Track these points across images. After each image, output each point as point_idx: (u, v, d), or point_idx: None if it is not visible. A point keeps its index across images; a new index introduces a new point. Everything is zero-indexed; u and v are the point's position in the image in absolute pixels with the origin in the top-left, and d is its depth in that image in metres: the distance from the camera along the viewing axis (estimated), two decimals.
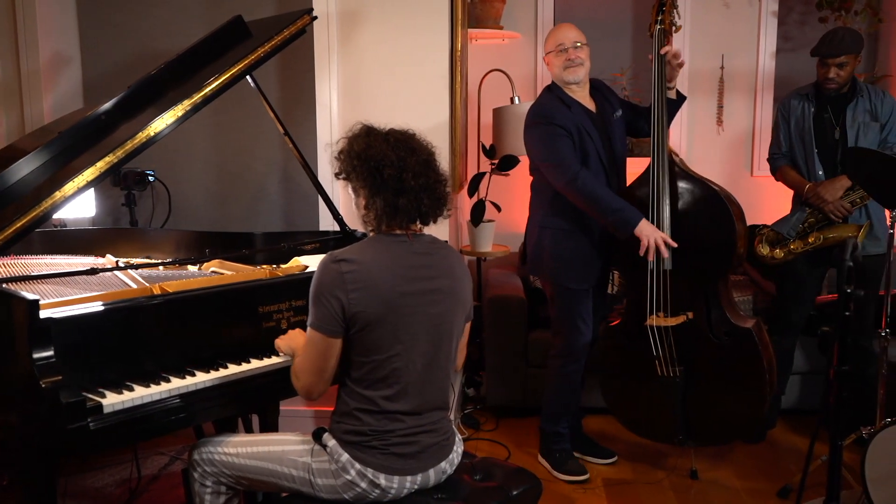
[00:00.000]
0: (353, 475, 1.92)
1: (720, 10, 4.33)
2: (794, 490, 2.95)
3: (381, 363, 1.91)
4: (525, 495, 2.09)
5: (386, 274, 1.89)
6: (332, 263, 1.89)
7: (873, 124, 3.31)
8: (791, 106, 3.44)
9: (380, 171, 1.90)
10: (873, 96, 3.34)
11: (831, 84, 3.29)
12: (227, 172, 3.92)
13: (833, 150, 3.35)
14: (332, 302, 1.87)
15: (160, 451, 3.39)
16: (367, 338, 1.89)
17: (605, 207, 3.00)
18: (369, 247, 1.95)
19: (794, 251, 3.36)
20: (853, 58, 3.26)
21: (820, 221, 3.33)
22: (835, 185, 3.26)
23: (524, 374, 3.84)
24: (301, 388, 1.99)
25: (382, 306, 1.87)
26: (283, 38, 2.64)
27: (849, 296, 1.80)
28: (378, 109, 3.25)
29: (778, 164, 3.52)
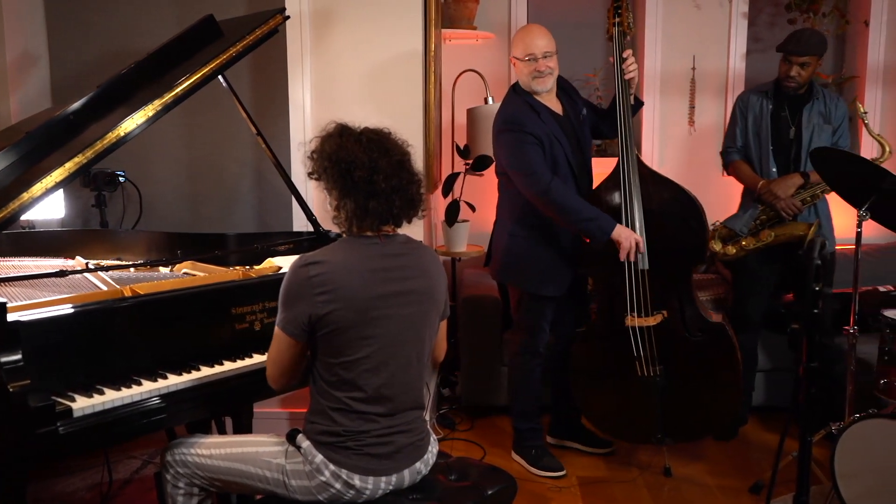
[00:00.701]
0: (327, 476, 1.91)
1: (691, 12, 4.37)
2: (765, 486, 2.99)
3: (350, 365, 1.90)
4: (500, 495, 2.10)
5: (354, 276, 1.88)
6: (300, 267, 1.88)
7: (826, 127, 3.40)
8: (750, 102, 3.50)
9: (350, 172, 1.89)
10: (828, 100, 3.43)
11: (791, 82, 3.35)
12: (199, 173, 3.88)
13: (787, 148, 3.42)
14: (299, 305, 1.87)
15: (132, 454, 3.35)
16: (336, 340, 1.89)
17: (579, 217, 3.02)
18: (339, 249, 1.95)
19: (746, 248, 3.42)
20: (816, 59, 3.34)
21: (771, 219, 3.40)
22: (787, 183, 3.33)
23: (499, 374, 3.85)
24: (268, 377, 2.02)
25: (350, 309, 1.87)
26: (255, 38, 2.63)
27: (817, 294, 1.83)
28: (351, 109, 3.23)
29: (731, 158, 3.57)
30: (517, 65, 3.16)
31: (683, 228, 3.13)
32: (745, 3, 4.33)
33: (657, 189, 3.15)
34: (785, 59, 3.37)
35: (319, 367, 1.95)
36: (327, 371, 1.93)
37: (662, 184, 3.16)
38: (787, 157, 3.43)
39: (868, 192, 2.72)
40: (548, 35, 3.14)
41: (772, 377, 3.83)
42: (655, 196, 3.14)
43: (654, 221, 3.12)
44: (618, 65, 3.15)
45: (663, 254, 3.11)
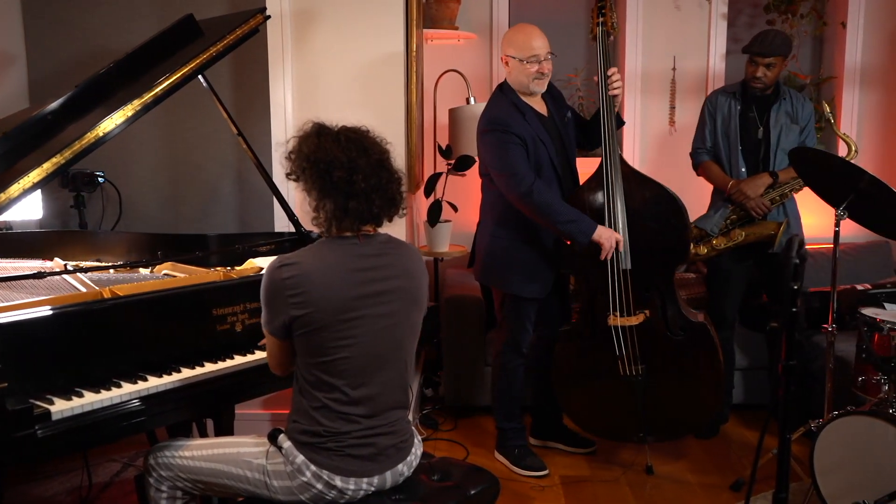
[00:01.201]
0: (308, 477, 1.90)
1: (671, 12, 4.40)
2: (745, 484, 3.01)
3: (330, 365, 1.90)
4: (483, 494, 2.10)
5: (330, 277, 1.88)
6: (275, 269, 1.89)
7: (793, 126, 3.44)
8: (718, 103, 3.53)
9: (329, 173, 1.88)
10: (794, 101, 3.48)
11: (758, 83, 3.39)
12: (179, 173, 3.86)
13: (756, 148, 3.46)
14: (276, 307, 1.88)
15: (112, 457, 3.32)
16: (313, 341, 1.88)
17: (560, 219, 3.02)
18: (315, 251, 1.94)
19: (717, 247, 3.45)
20: (781, 60, 3.38)
21: (742, 218, 3.43)
22: (757, 183, 3.37)
23: (482, 374, 3.86)
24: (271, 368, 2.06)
25: (325, 311, 1.86)
26: (235, 38, 2.62)
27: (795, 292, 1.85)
28: (333, 109, 3.22)
29: (701, 158, 3.61)
30: (513, 64, 3.12)
31: (666, 227, 3.15)
32: (724, 4, 4.37)
33: (639, 188, 3.16)
34: (751, 60, 3.40)
35: (300, 367, 1.95)
36: (307, 371, 1.93)
37: (644, 183, 3.18)
38: (756, 157, 3.46)
39: (846, 191, 2.75)
40: (545, 36, 3.14)
41: (749, 375, 3.86)
42: (638, 195, 3.16)
43: (636, 220, 3.13)
44: (602, 81, 3.16)
45: (645, 253, 3.13)
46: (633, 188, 3.15)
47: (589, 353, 3.27)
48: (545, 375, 3.41)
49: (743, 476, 3.16)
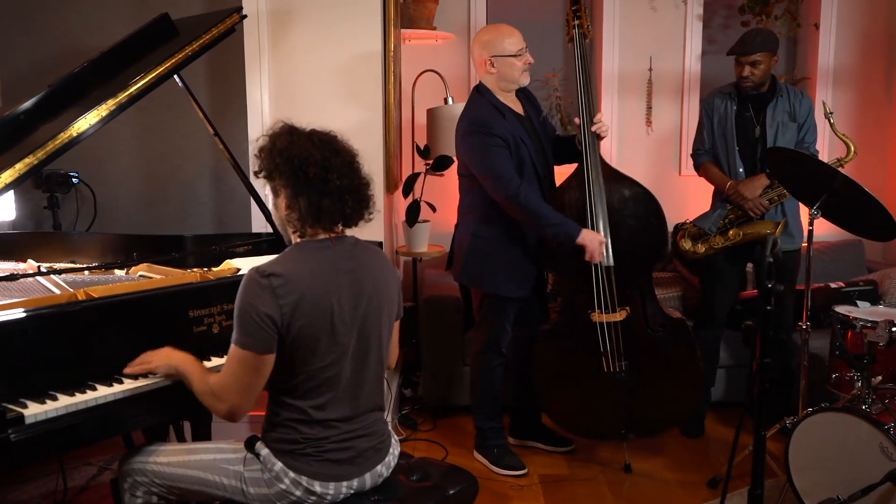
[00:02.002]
0: (287, 484, 1.89)
1: (647, 14, 4.43)
2: (722, 480, 3.04)
3: (314, 373, 1.88)
4: (462, 494, 2.10)
5: (316, 283, 1.86)
6: (261, 279, 1.82)
7: (791, 124, 3.44)
8: (714, 104, 3.55)
9: (304, 170, 1.86)
10: (792, 97, 3.47)
11: (747, 82, 3.41)
12: (155, 174, 3.83)
13: (753, 147, 3.47)
14: (265, 318, 1.80)
15: (88, 461, 3.28)
16: (301, 350, 1.85)
17: (547, 222, 3.04)
18: (295, 257, 1.90)
19: (715, 246, 3.47)
20: (767, 56, 3.37)
21: (739, 218, 3.45)
22: (754, 183, 3.39)
23: (461, 374, 3.86)
24: (226, 411, 1.89)
25: (315, 317, 1.84)
26: (211, 37, 2.60)
27: (770, 291, 1.87)
28: (311, 109, 3.22)
29: (701, 160, 3.63)
30: (504, 62, 3.12)
31: (645, 225, 3.19)
32: (699, 5, 4.41)
33: (619, 187, 3.19)
34: (737, 61, 3.43)
35: (277, 377, 1.90)
36: (286, 381, 1.90)
37: (623, 182, 3.21)
38: (753, 157, 3.47)
39: (819, 191, 2.79)
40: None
41: (731, 373, 3.90)
42: (617, 194, 3.19)
43: (617, 219, 3.16)
44: (584, 121, 3.17)
45: (626, 250, 3.16)
46: (612, 187, 3.18)
47: (571, 351, 3.28)
48: (524, 375, 3.42)
49: (720, 473, 3.19)
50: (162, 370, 2.03)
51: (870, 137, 4.54)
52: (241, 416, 1.91)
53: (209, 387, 1.91)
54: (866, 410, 2.53)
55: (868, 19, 4.47)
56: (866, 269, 4.33)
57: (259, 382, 1.87)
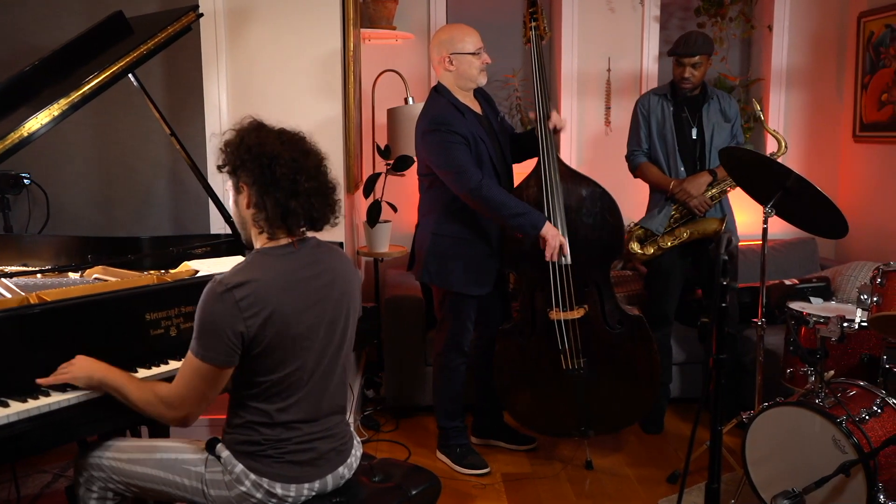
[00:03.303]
0: (247, 486, 1.87)
1: (606, 15, 4.47)
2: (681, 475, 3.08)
3: (279, 379, 1.86)
4: (424, 494, 2.10)
5: (280, 292, 1.82)
6: (224, 293, 1.77)
7: (725, 124, 3.55)
8: (651, 105, 3.61)
9: (272, 168, 1.82)
10: (722, 100, 3.59)
11: (686, 83, 3.48)
12: (110, 175, 3.76)
13: (692, 147, 3.55)
14: (228, 333, 1.77)
15: (42, 468, 3.21)
16: (267, 359, 1.83)
17: (510, 212, 3.05)
18: (257, 266, 1.86)
19: (664, 246, 3.53)
20: (706, 58, 3.47)
21: (685, 216, 3.52)
22: (699, 181, 3.46)
23: (423, 374, 3.86)
24: (178, 419, 1.87)
25: (280, 327, 1.81)
26: (167, 35, 2.57)
27: (725, 288, 1.90)
28: (270, 109, 3.16)
29: (638, 160, 3.68)
30: (462, 60, 3.14)
31: (602, 224, 3.22)
32: (656, 7, 4.46)
33: (576, 186, 3.23)
34: (677, 62, 3.50)
35: (241, 382, 1.88)
36: (250, 386, 1.87)
37: (580, 181, 3.24)
38: (692, 157, 3.55)
39: (773, 189, 2.84)
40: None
41: (686, 369, 3.96)
42: (575, 193, 3.22)
43: (574, 218, 3.19)
44: (541, 122, 3.20)
45: (584, 248, 3.19)
46: (570, 186, 3.21)
47: (531, 350, 3.30)
48: (486, 374, 3.43)
49: (679, 468, 3.23)
50: (81, 382, 1.94)
51: (821, 136, 4.64)
52: (193, 422, 1.89)
53: (158, 396, 1.87)
54: (820, 404, 2.58)
55: (819, 21, 4.58)
56: (819, 266, 4.42)
57: (215, 392, 1.85)
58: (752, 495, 2.75)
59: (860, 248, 4.44)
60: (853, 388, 2.72)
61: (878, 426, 2.54)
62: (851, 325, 2.78)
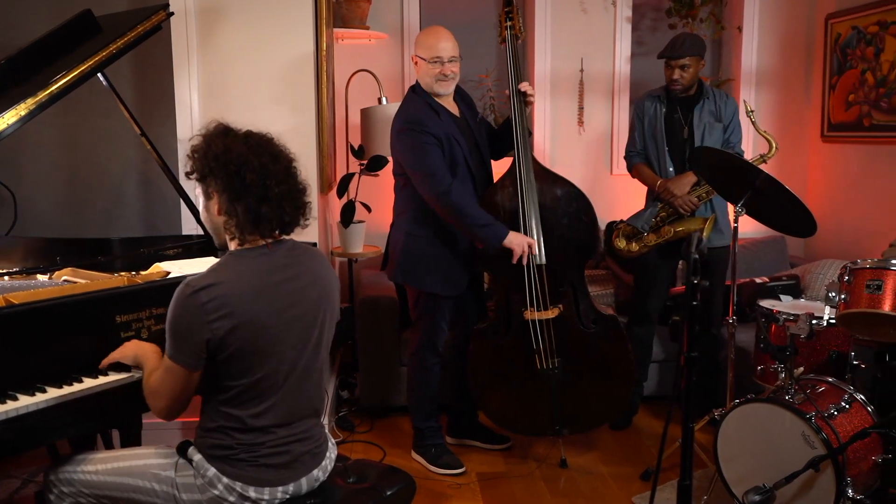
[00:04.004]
0: (220, 490, 1.85)
1: (578, 16, 4.50)
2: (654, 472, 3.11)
3: (249, 385, 1.84)
4: (399, 494, 2.10)
5: (250, 296, 1.80)
6: (189, 295, 1.76)
7: (717, 125, 3.56)
8: (644, 106, 3.65)
9: (241, 175, 1.80)
10: (718, 99, 3.60)
11: (676, 85, 3.51)
12: (79, 175, 3.71)
13: (682, 148, 3.58)
14: (194, 337, 1.76)
15: (10, 474, 3.15)
16: (235, 364, 1.81)
17: (474, 222, 3.06)
18: (228, 268, 1.84)
19: (648, 244, 3.56)
20: (696, 60, 3.49)
21: (671, 215, 3.55)
22: (683, 181, 3.49)
23: (398, 374, 3.85)
24: (160, 411, 1.90)
25: (249, 331, 1.79)
26: (136, 34, 2.54)
27: (696, 286, 1.92)
28: (242, 109, 3.16)
29: (633, 161, 3.72)
30: (421, 65, 3.16)
31: (577, 224, 3.24)
32: (628, 8, 4.50)
33: (551, 186, 3.24)
34: (667, 64, 3.53)
35: (214, 385, 1.86)
36: (221, 390, 1.85)
37: (555, 181, 3.25)
38: (682, 157, 3.58)
39: (743, 189, 2.88)
40: (453, 40, 3.16)
41: (662, 367, 3.99)
42: (549, 193, 3.23)
43: (549, 217, 3.20)
44: (514, 93, 3.21)
45: (558, 248, 3.20)
46: (544, 186, 3.22)
47: (505, 350, 3.31)
48: (461, 374, 3.43)
49: (652, 465, 3.26)
50: (129, 360, 2.05)
51: (790, 136, 4.70)
52: (174, 417, 1.91)
53: (148, 384, 1.92)
54: (789, 401, 2.61)
55: (788, 22, 4.64)
56: (789, 264, 4.49)
57: (189, 391, 1.86)
58: (725, 491, 2.78)
59: (829, 247, 4.51)
60: (822, 384, 2.76)
61: (846, 421, 2.59)
62: (820, 322, 2.82)
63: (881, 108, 4.13)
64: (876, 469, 2.57)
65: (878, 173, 4.21)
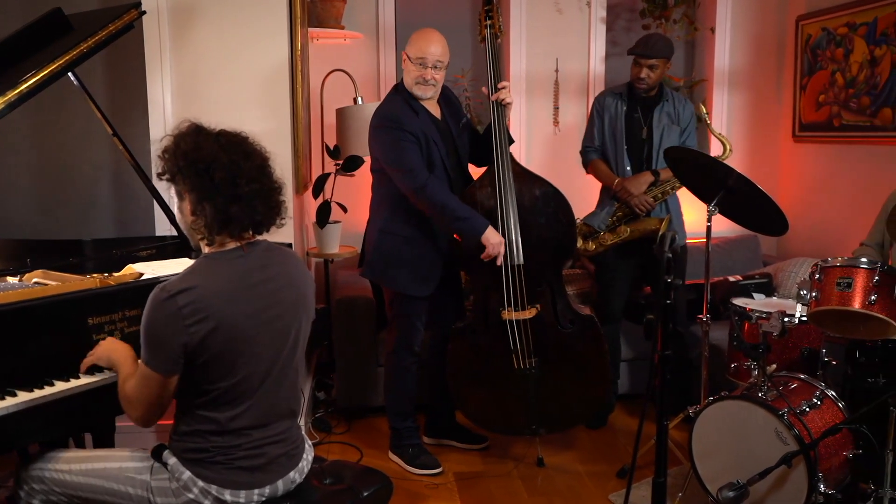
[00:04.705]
0: (195, 493, 1.84)
1: (553, 16, 4.52)
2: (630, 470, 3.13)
3: (228, 388, 1.83)
4: (376, 495, 2.10)
5: (226, 300, 1.78)
6: (166, 300, 1.73)
7: (674, 127, 3.61)
8: (606, 103, 3.67)
9: (210, 173, 1.78)
10: (676, 103, 3.65)
11: (641, 84, 3.54)
12: (51, 176, 3.66)
13: (640, 147, 3.62)
14: (170, 342, 1.74)
15: None
16: (213, 367, 1.79)
17: (453, 216, 3.06)
18: (203, 271, 1.82)
19: (605, 243, 3.59)
20: (663, 62, 3.53)
21: (627, 215, 3.59)
22: (639, 181, 3.53)
23: (375, 374, 3.85)
24: (137, 419, 1.87)
25: (227, 334, 1.78)
26: (108, 33, 2.51)
27: (669, 285, 1.94)
28: (216, 109, 3.14)
29: (590, 157, 3.75)
30: (406, 62, 3.16)
31: (554, 224, 3.25)
32: (603, 8, 4.52)
33: (529, 186, 3.25)
34: (635, 61, 3.55)
35: (189, 389, 1.84)
36: (199, 394, 1.84)
37: (534, 181, 3.26)
38: (640, 156, 3.62)
39: (716, 188, 2.91)
40: (445, 46, 3.14)
41: (634, 365, 4.02)
42: (528, 193, 3.24)
43: (527, 217, 3.21)
44: (492, 88, 3.22)
45: (536, 248, 3.21)
46: (523, 186, 3.23)
47: (483, 349, 3.31)
48: (438, 373, 3.44)
49: (629, 463, 3.27)
50: (103, 361, 2.03)
51: (762, 136, 4.76)
52: (151, 424, 1.88)
53: (123, 392, 1.89)
54: (762, 398, 2.64)
55: (759, 24, 4.69)
56: (762, 262, 4.54)
57: (166, 397, 1.83)
58: (699, 488, 2.81)
59: (801, 245, 4.57)
60: (794, 381, 2.80)
61: (817, 417, 2.62)
62: (792, 319, 2.85)
63: (851, 108, 4.19)
64: (847, 464, 2.61)
65: (848, 172, 4.27)
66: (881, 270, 2.55)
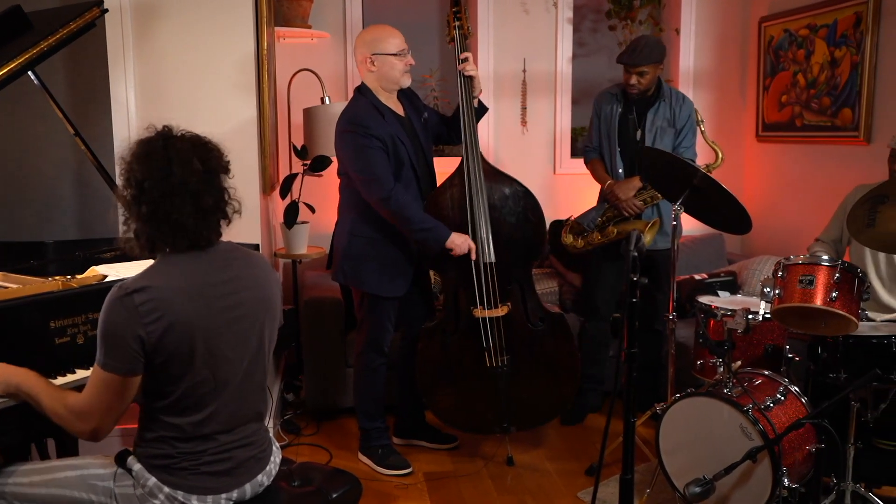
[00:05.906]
0: (161, 499, 1.81)
1: (520, 17, 4.54)
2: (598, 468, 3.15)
3: (188, 391, 1.80)
4: (345, 497, 2.09)
5: (184, 299, 1.76)
6: (123, 298, 1.71)
7: (669, 129, 3.60)
8: (602, 104, 3.69)
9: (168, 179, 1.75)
10: (674, 102, 3.61)
11: (633, 90, 3.55)
12: (11, 177, 3.59)
13: (633, 149, 3.62)
14: (129, 340, 1.71)
15: None
16: (172, 368, 1.76)
17: (417, 226, 3.08)
18: (162, 270, 1.80)
19: (592, 242, 3.61)
20: (653, 67, 3.51)
21: (616, 216, 3.60)
22: (628, 185, 3.54)
23: (344, 375, 3.83)
24: (89, 431, 1.79)
25: (185, 333, 1.75)
26: (69, 31, 2.47)
27: (635, 284, 1.95)
28: (180, 109, 3.10)
29: (589, 156, 3.79)
30: (385, 61, 3.13)
31: (524, 222, 3.27)
32: (569, 9, 4.55)
33: (499, 184, 3.26)
34: (625, 69, 3.54)
35: (150, 393, 1.81)
36: (160, 396, 1.80)
37: (503, 179, 3.28)
38: (633, 158, 3.61)
39: (682, 187, 2.94)
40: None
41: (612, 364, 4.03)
42: (498, 191, 3.25)
43: (497, 216, 3.23)
44: (465, 121, 3.23)
45: (507, 246, 3.23)
46: (493, 184, 3.24)
47: (454, 348, 3.32)
48: (407, 374, 3.43)
49: (597, 461, 3.30)
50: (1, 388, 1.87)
51: (726, 136, 4.82)
52: (104, 435, 1.81)
53: (66, 406, 1.80)
54: (728, 394, 2.68)
55: (723, 25, 4.76)
56: (727, 260, 4.60)
57: (124, 403, 1.78)
58: (667, 484, 2.84)
59: (765, 244, 4.64)
60: (759, 377, 2.84)
61: (781, 413, 2.66)
62: (756, 317, 2.89)
63: (812, 108, 4.27)
64: (810, 458, 2.66)
65: (810, 172, 4.35)
66: (842, 268, 2.60)
